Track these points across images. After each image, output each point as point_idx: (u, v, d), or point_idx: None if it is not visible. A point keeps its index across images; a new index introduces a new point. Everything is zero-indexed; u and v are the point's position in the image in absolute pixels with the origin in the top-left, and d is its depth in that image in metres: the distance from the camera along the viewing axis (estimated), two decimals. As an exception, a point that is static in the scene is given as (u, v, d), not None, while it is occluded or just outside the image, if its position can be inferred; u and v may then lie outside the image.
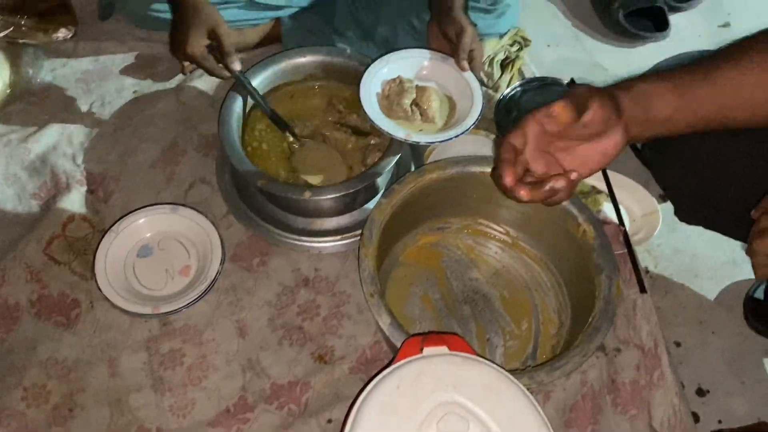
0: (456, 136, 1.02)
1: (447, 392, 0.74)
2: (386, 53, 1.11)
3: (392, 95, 1.08)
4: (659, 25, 1.45)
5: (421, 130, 1.06)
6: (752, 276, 0.80)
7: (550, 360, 0.89)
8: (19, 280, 1.08)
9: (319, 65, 1.17)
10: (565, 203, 0.99)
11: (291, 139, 1.13)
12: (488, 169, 1.01)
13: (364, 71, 1.08)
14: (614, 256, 0.97)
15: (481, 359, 0.78)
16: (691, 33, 1.47)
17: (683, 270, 1.17)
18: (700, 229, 1.10)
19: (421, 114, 1.08)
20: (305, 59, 1.16)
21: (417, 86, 1.09)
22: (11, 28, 1.28)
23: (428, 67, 1.11)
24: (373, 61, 1.10)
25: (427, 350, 0.79)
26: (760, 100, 0.74)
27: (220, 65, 1.06)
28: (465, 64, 1.07)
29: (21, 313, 1.06)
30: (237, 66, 1.05)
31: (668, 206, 1.14)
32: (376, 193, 1.15)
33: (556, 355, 0.95)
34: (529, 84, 1.23)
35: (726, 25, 1.50)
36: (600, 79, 1.37)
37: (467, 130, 1.03)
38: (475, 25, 1.08)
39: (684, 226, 1.13)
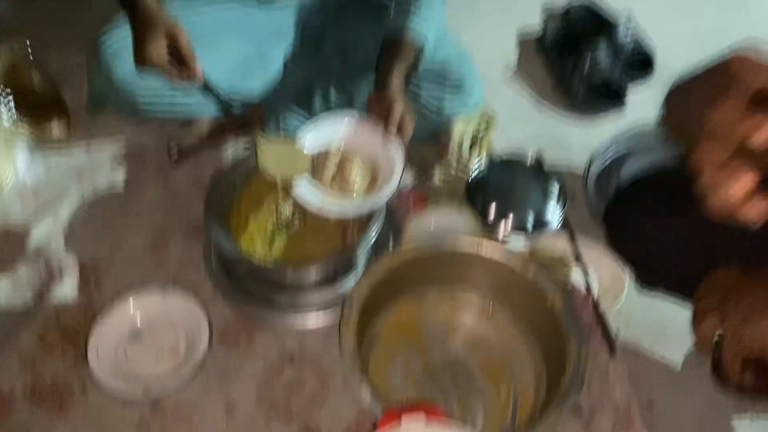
0: (361, 208, 1.09)
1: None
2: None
3: (318, 166, 1.14)
4: (617, 101, 1.55)
5: (334, 197, 1.10)
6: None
7: (526, 426, 0.94)
8: (13, 369, 1.12)
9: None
10: (535, 272, 1.05)
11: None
12: (461, 246, 1.08)
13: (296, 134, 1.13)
14: (582, 322, 1.02)
15: (456, 428, 0.82)
16: (648, 106, 1.56)
17: (653, 332, 1.23)
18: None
19: (342, 181, 1.13)
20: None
21: (340, 158, 1.14)
22: (10, 126, 1.35)
23: (359, 135, 1.15)
24: (306, 126, 1.15)
25: (405, 420, 0.83)
26: None
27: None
28: (391, 135, 1.12)
29: (15, 400, 1.09)
30: (198, 66, 1.10)
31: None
32: (355, 267, 1.21)
33: (533, 421, 0.99)
34: (494, 161, 1.31)
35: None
36: (563, 153, 1.46)
37: (375, 203, 1.10)
38: (445, 109, 1.17)
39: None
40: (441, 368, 1.13)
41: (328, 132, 1.15)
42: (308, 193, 1.09)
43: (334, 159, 1.13)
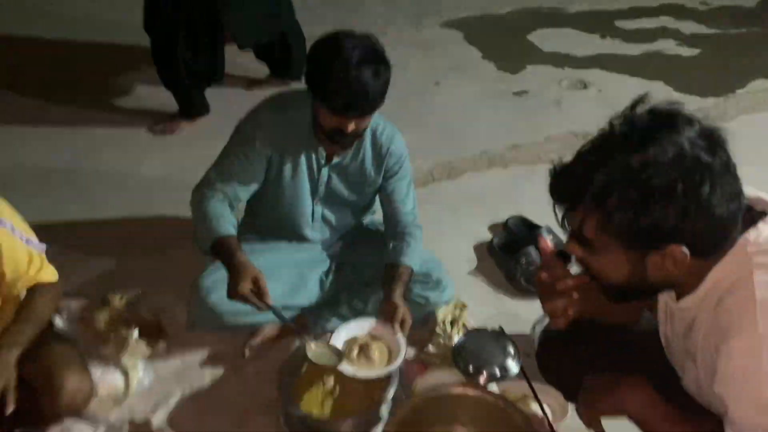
0: (382, 374, 1.71)
1: None
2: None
3: (348, 348, 1.77)
4: (549, 283, 2.21)
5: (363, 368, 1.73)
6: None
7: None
8: None
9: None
10: (505, 404, 1.60)
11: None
12: (450, 391, 1.65)
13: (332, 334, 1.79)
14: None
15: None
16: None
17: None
18: None
19: (365, 358, 1.75)
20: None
21: (363, 344, 1.77)
22: (130, 348, 1.94)
23: (376, 329, 1.82)
24: (340, 326, 1.82)
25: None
26: None
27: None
28: (397, 328, 1.79)
29: None
30: (270, 301, 1.70)
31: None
32: (382, 418, 1.75)
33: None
34: (469, 334, 1.92)
35: (593, 276, 2.27)
36: (517, 324, 2.06)
37: (391, 371, 1.72)
38: (427, 302, 1.82)
39: None
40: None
41: (353, 329, 1.81)
42: (345, 368, 1.70)
43: (356, 346, 1.76)
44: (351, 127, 1.72)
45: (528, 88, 3.49)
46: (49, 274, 1.73)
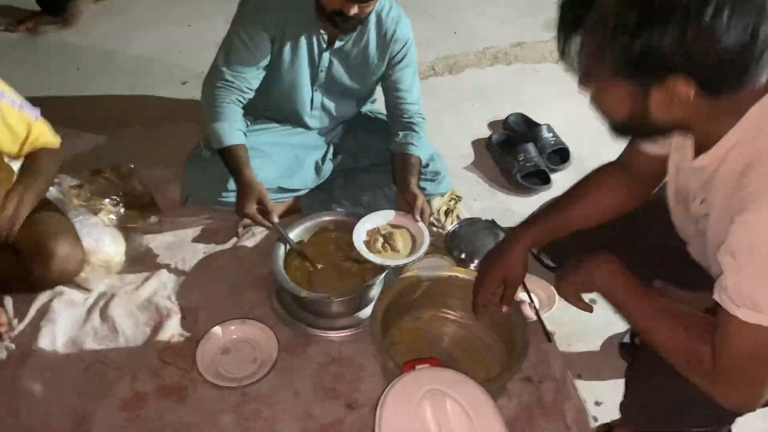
0: (411, 262, 1.70)
1: (432, 385, 1.32)
2: (369, 213, 1.80)
3: (372, 239, 1.75)
4: (545, 181, 2.20)
5: (390, 258, 1.71)
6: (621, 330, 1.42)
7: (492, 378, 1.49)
8: (145, 377, 1.64)
9: (330, 222, 1.85)
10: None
11: (309, 266, 1.77)
12: (443, 273, 1.66)
13: (355, 225, 1.76)
14: (525, 321, 1.59)
15: (451, 370, 1.37)
16: (567, 184, 2.21)
17: (578, 331, 1.80)
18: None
19: (391, 248, 1.74)
20: (321, 219, 1.84)
21: (386, 234, 1.76)
22: (121, 219, 1.93)
23: (396, 219, 1.79)
24: (360, 218, 1.78)
25: (419, 367, 1.38)
26: (593, 221, 1.41)
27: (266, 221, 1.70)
28: (418, 217, 1.75)
29: (148, 397, 1.60)
30: (275, 219, 1.70)
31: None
32: (372, 300, 1.77)
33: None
34: (463, 222, 1.93)
35: (590, 177, 2.27)
36: (509, 219, 2.06)
37: (418, 258, 1.70)
38: (424, 192, 1.80)
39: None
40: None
41: (375, 220, 1.78)
42: (370, 256, 1.68)
43: (380, 236, 1.75)
44: (354, 10, 1.63)
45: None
46: (52, 138, 1.70)
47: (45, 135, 1.68)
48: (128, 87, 2.58)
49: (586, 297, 1.80)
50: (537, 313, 1.75)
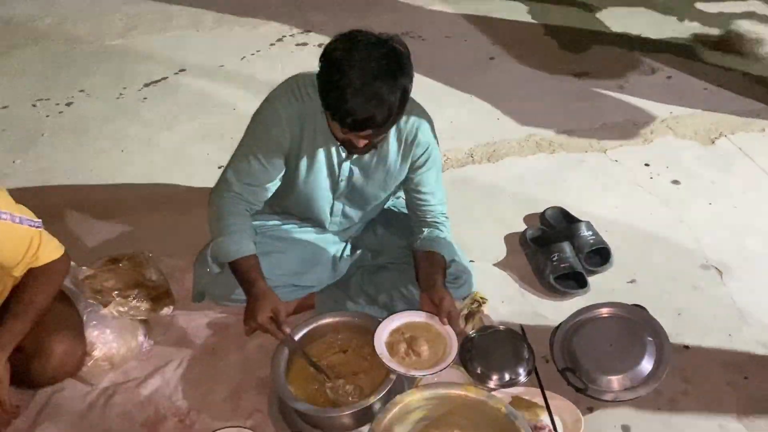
0: (434, 373, 1.56)
1: None
2: (390, 314, 1.70)
3: (394, 342, 1.64)
4: (581, 284, 2.03)
5: (414, 366, 1.59)
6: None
7: None
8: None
9: (340, 323, 1.75)
10: (508, 411, 1.47)
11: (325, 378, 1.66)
12: (452, 392, 1.52)
13: (376, 327, 1.65)
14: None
15: None
16: (605, 288, 2.04)
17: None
18: (614, 429, 1.60)
19: (414, 354, 1.62)
20: (331, 320, 1.75)
21: (411, 336, 1.64)
22: (131, 311, 1.89)
23: (421, 322, 1.67)
24: (382, 320, 1.67)
25: None
26: None
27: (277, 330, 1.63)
28: (445, 320, 1.64)
29: None
30: (288, 330, 1.63)
31: (590, 416, 1.63)
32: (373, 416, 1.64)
33: None
34: (481, 331, 1.79)
35: (633, 281, 2.08)
36: (539, 324, 1.91)
37: (444, 368, 1.57)
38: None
39: (603, 431, 1.61)
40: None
41: (398, 321, 1.68)
42: (392, 364, 1.57)
43: (403, 340, 1.64)
44: (362, 142, 1.55)
45: (590, 70, 3.24)
46: (50, 250, 1.65)
47: (46, 247, 1.63)
48: (163, 173, 2.61)
49: (620, 424, 1.64)
50: (559, 440, 1.58)
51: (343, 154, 1.73)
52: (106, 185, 2.56)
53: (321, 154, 1.72)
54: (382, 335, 1.65)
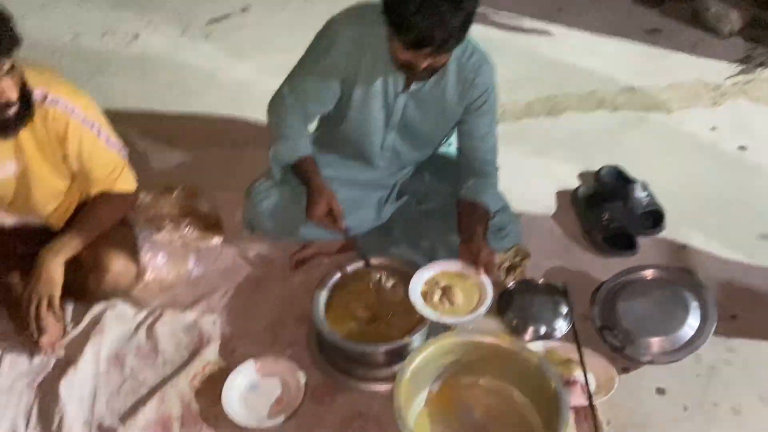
0: (467, 321, 1.58)
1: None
2: (431, 260, 1.71)
3: (429, 290, 1.65)
4: (629, 246, 1.98)
5: (447, 314, 1.61)
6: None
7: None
8: (172, 402, 1.64)
9: (380, 265, 1.79)
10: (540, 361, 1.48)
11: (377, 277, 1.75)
12: (485, 340, 1.53)
13: (414, 273, 1.67)
14: (568, 402, 1.42)
15: None
16: (656, 251, 1.99)
17: (636, 422, 1.59)
18: (648, 391, 1.60)
19: (449, 302, 1.63)
20: (373, 261, 1.79)
21: (446, 286, 1.65)
22: (182, 238, 1.97)
23: (459, 271, 1.68)
24: (417, 266, 1.69)
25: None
26: None
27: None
28: (481, 271, 1.64)
29: (172, 423, 1.61)
30: (343, 225, 1.69)
31: (625, 376, 1.62)
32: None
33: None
34: (520, 283, 1.78)
35: (684, 246, 2.02)
36: (582, 283, 1.87)
37: (476, 317, 1.58)
38: (490, 248, 1.68)
39: (636, 392, 1.60)
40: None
41: (434, 270, 1.69)
42: (427, 311, 1.60)
43: (438, 288, 1.66)
44: (424, 63, 1.53)
45: (662, 27, 3.08)
46: (127, 182, 1.76)
47: (125, 177, 1.74)
48: (225, 108, 2.65)
49: (654, 386, 1.62)
50: (589, 395, 1.57)
51: (400, 86, 1.72)
52: (168, 116, 2.62)
53: (378, 83, 1.71)
54: (418, 281, 1.66)
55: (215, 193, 2.15)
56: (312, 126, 1.94)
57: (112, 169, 1.70)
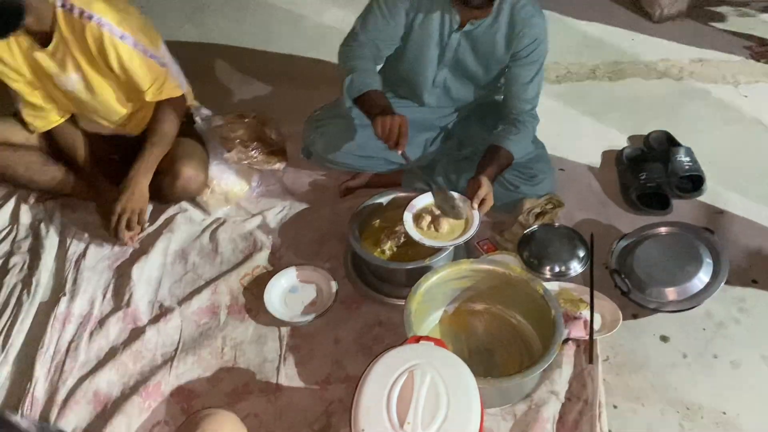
0: (447, 245, 1.73)
1: (421, 359, 1.37)
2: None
3: (421, 215, 1.81)
4: (663, 206, 2.04)
5: (427, 236, 1.77)
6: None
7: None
8: (223, 293, 1.90)
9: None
10: (544, 293, 1.61)
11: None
12: (499, 269, 1.68)
13: (409, 202, 1.83)
14: (562, 325, 1.55)
15: (448, 352, 1.41)
16: (690, 214, 2.04)
17: (633, 362, 1.69)
18: (652, 337, 1.71)
19: (434, 229, 1.79)
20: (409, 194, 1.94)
21: (438, 214, 1.80)
22: (249, 159, 2.21)
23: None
24: (417, 195, 1.84)
25: (422, 342, 1.44)
26: None
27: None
28: (475, 206, 1.77)
29: (221, 310, 1.87)
30: (404, 144, 1.76)
31: (633, 321, 1.74)
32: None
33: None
34: (544, 225, 1.90)
35: (720, 212, 2.05)
36: (609, 236, 1.96)
37: (451, 246, 1.74)
38: (518, 191, 1.88)
39: (640, 336, 1.70)
40: (474, 350, 1.71)
41: (431, 199, 1.84)
42: (412, 231, 1.77)
43: (429, 214, 1.81)
44: None
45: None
46: (171, 88, 1.97)
47: (168, 84, 1.96)
48: (310, 47, 2.88)
49: (659, 334, 1.71)
50: (591, 333, 1.69)
51: (456, 25, 1.86)
52: (255, 51, 2.89)
53: (435, 20, 1.86)
54: (415, 205, 1.82)
55: (285, 124, 2.37)
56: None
57: (155, 78, 1.91)
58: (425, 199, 1.84)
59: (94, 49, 1.82)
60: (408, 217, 1.80)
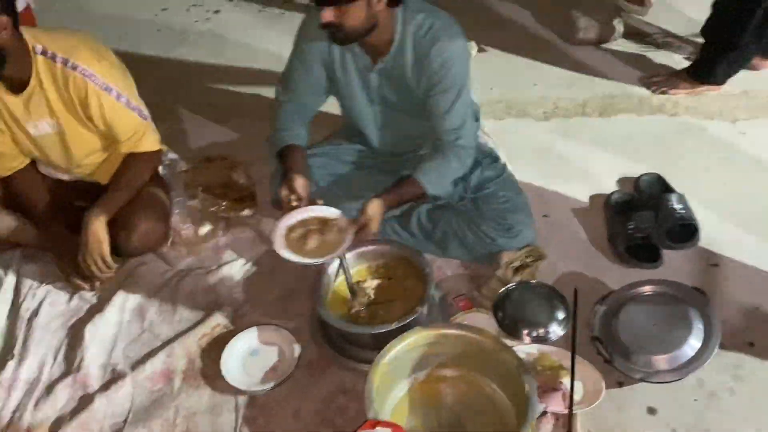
0: (294, 260, 1.62)
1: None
2: (443, 251, 1.86)
3: (296, 229, 1.70)
4: (653, 258, 1.90)
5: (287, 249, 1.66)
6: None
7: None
8: (179, 357, 1.78)
9: (387, 252, 1.84)
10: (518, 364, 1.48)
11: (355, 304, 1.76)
12: (470, 334, 1.55)
13: (418, 259, 1.75)
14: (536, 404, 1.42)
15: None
16: (682, 268, 1.90)
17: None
18: (638, 409, 1.57)
19: (303, 244, 1.67)
20: (380, 247, 1.84)
21: (310, 230, 1.68)
22: (216, 208, 2.10)
23: (336, 221, 1.70)
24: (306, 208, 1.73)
25: (378, 430, 1.31)
26: None
27: None
28: (351, 231, 1.66)
29: (175, 375, 1.74)
30: (302, 193, 1.74)
31: (618, 390, 1.60)
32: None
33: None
34: (521, 283, 1.77)
35: (715, 265, 1.91)
36: (597, 291, 1.82)
37: (308, 264, 1.64)
38: (494, 243, 1.80)
39: (625, 408, 1.56)
40: (447, 423, 1.57)
41: (311, 213, 1.73)
42: (275, 238, 1.67)
43: (302, 229, 1.70)
44: (326, 17, 1.59)
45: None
46: (150, 142, 1.91)
47: (148, 138, 1.89)
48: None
49: (646, 405, 1.57)
50: (571, 405, 1.55)
51: (369, 64, 1.80)
52: (227, 91, 2.79)
53: (350, 63, 1.82)
54: (292, 216, 1.71)
55: (255, 168, 2.26)
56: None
57: (134, 131, 1.85)
58: (306, 213, 1.72)
59: (76, 99, 1.76)
60: (280, 227, 1.70)
